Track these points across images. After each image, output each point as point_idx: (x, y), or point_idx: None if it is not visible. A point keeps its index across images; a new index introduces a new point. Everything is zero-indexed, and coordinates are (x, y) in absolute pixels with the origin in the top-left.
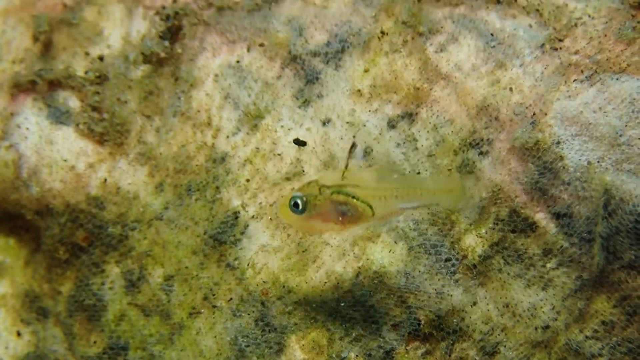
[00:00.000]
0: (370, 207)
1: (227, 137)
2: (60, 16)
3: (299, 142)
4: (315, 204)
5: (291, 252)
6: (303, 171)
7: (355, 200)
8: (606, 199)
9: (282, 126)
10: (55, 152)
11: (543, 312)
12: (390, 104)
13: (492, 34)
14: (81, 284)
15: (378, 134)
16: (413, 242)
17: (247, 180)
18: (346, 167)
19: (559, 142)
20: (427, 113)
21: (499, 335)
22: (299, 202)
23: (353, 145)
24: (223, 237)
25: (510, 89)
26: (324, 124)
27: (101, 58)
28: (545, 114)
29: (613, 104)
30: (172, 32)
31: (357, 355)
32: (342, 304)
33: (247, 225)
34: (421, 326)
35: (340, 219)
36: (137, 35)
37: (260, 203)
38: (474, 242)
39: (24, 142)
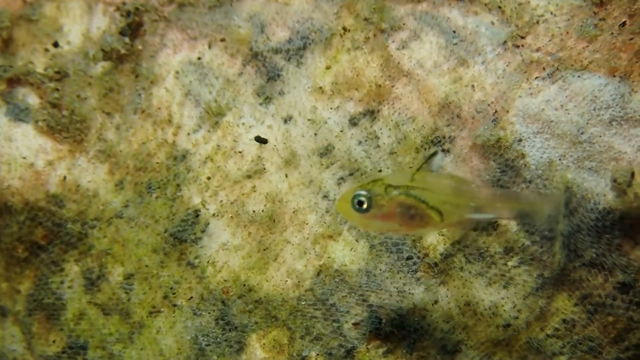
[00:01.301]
0: (440, 213)
1: (188, 134)
2: (19, 12)
3: (260, 140)
4: (381, 204)
5: (252, 250)
6: (264, 169)
7: (424, 205)
8: (567, 196)
9: (243, 123)
10: (14, 150)
11: (504, 310)
12: (352, 102)
13: (454, 31)
14: (40, 283)
15: (340, 132)
16: (374, 240)
17: (208, 178)
18: (418, 169)
19: (520, 140)
20: (389, 110)
21: (460, 333)
22: (364, 200)
23: (435, 153)
24: (183, 235)
25: (472, 87)
26: (285, 121)
27: (55, 44)
28: (507, 112)
29: (575, 102)
30: (133, 28)
31: (317, 354)
32: (303, 303)
33: (208, 224)
34: (382, 325)
35: (405, 221)
36: (97, 32)
37: (221, 201)
38: (435, 241)
39: None
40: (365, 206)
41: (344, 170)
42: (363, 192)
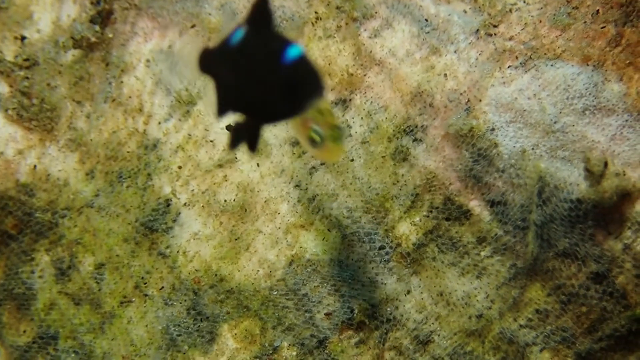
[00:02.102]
0: None
1: (159, 123)
2: None
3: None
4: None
5: (223, 240)
6: (235, 158)
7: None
8: (540, 186)
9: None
10: None
11: (477, 300)
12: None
13: (426, 20)
14: (10, 273)
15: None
16: (346, 230)
17: (179, 167)
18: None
19: (493, 129)
20: (361, 99)
21: (433, 324)
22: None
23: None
24: (154, 224)
25: (445, 75)
26: None
27: (23, 38)
28: (480, 101)
29: (547, 91)
30: (103, 16)
31: (289, 345)
32: (275, 293)
33: (179, 213)
34: (355, 315)
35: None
36: (67, 20)
37: (193, 190)
38: (407, 230)
39: None
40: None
41: (315, 160)
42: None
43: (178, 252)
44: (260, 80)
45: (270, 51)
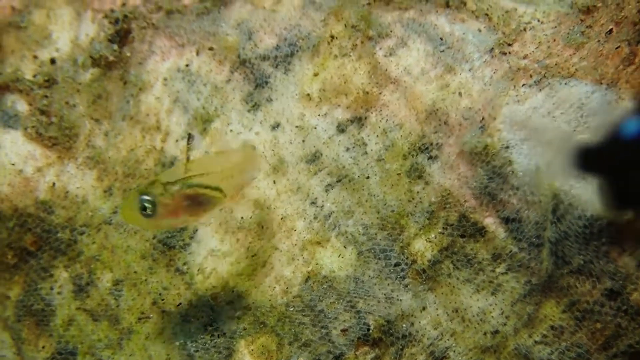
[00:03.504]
0: (221, 191)
1: (177, 141)
2: (8, 19)
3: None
4: (166, 203)
5: (240, 256)
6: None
7: (205, 189)
8: (555, 203)
9: (231, 130)
10: (3, 156)
11: (492, 317)
12: (340, 108)
13: (441, 38)
14: (30, 289)
15: (327, 139)
16: (362, 246)
17: None
18: (187, 159)
19: (507, 147)
20: (377, 117)
21: (448, 340)
22: (148, 205)
23: (190, 136)
24: (172, 241)
25: (460, 94)
26: (273, 128)
27: (53, 61)
28: (494, 119)
29: (562, 109)
30: (121, 35)
31: None
32: (292, 309)
33: (196, 230)
34: (370, 331)
35: (195, 210)
36: (85, 39)
37: None
38: (423, 247)
39: None
40: (151, 211)
41: (331, 177)
42: (146, 197)
43: (195, 268)
44: None
45: None
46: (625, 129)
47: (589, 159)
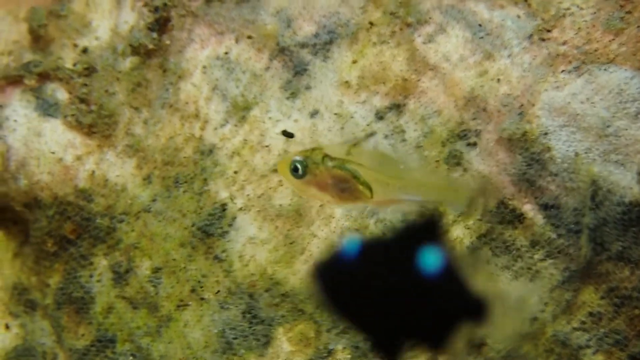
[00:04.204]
0: (370, 189)
1: (215, 128)
2: (49, 8)
3: (287, 134)
4: (315, 173)
5: (279, 244)
6: None
7: (355, 180)
8: (593, 190)
9: (270, 118)
10: (43, 144)
11: (531, 303)
12: (378, 96)
13: (480, 25)
14: (69, 277)
15: (366, 126)
16: None
17: (235, 172)
18: (355, 144)
19: (546, 133)
20: (415, 104)
21: (486, 327)
22: (299, 166)
23: (372, 134)
24: (211, 229)
25: (498, 80)
26: (311, 115)
27: (85, 50)
28: (533, 105)
29: (601, 95)
30: (160, 23)
31: (344, 348)
32: None
33: (235, 217)
34: None
35: (337, 193)
36: (125, 27)
37: (248, 195)
38: (461, 234)
39: (12, 134)
40: (300, 172)
41: None
42: (300, 159)
43: (234, 256)
44: None
45: None
46: None
47: None
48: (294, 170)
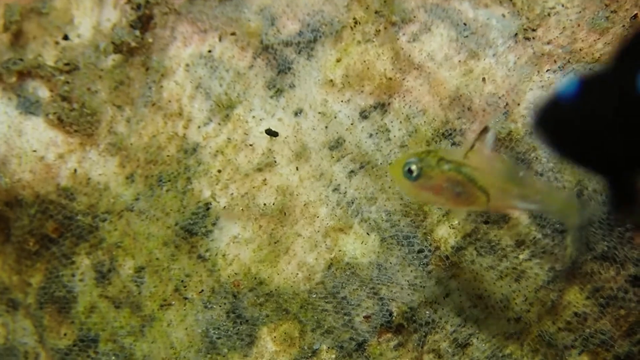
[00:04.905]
0: (487, 194)
1: (199, 127)
2: (30, 5)
3: (271, 133)
4: (431, 175)
5: (263, 243)
6: (275, 162)
7: (472, 184)
8: (579, 189)
9: (253, 116)
10: (25, 143)
11: (516, 303)
12: (363, 94)
13: (465, 24)
14: (51, 276)
15: (350, 125)
16: (385, 233)
17: (219, 171)
18: (472, 147)
19: (532, 133)
20: (400, 103)
21: (471, 327)
22: (414, 168)
23: (485, 129)
24: (194, 228)
25: (483, 79)
26: (295, 114)
27: (65, 37)
28: (518, 104)
29: None
30: (143, 21)
31: (329, 347)
32: (314, 296)
33: (219, 217)
34: (393, 318)
35: (452, 197)
36: (107, 24)
37: (232, 194)
38: (446, 234)
39: None
40: (414, 174)
41: (354, 163)
42: (415, 160)
43: (217, 255)
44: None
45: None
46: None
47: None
48: (408, 172)
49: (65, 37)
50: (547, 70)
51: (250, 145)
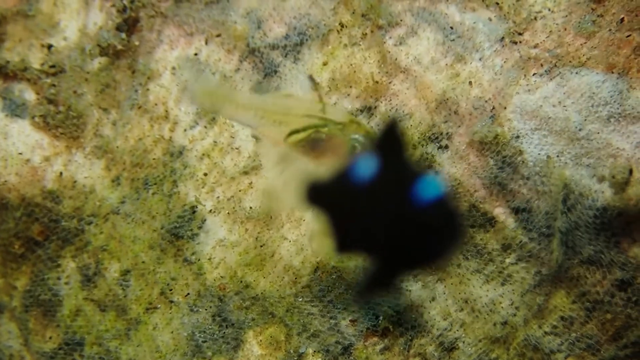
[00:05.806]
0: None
1: (185, 130)
2: (16, 8)
3: (257, 136)
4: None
5: (249, 246)
6: (261, 165)
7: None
8: (565, 193)
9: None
10: (11, 145)
11: (502, 307)
12: (349, 98)
13: (451, 27)
14: (37, 279)
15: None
16: None
17: (205, 174)
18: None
19: (518, 137)
20: (386, 107)
21: (457, 330)
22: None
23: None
24: (180, 231)
25: (470, 83)
26: None
27: (49, 47)
28: (505, 108)
29: (572, 98)
30: (129, 24)
31: (315, 351)
32: (300, 299)
33: (205, 220)
34: (380, 321)
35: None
36: (93, 27)
37: (218, 197)
38: None
39: None
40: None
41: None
42: (356, 137)
43: (203, 258)
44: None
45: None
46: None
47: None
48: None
49: (50, 47)
50: (533, 74)
51: (237, 148)
